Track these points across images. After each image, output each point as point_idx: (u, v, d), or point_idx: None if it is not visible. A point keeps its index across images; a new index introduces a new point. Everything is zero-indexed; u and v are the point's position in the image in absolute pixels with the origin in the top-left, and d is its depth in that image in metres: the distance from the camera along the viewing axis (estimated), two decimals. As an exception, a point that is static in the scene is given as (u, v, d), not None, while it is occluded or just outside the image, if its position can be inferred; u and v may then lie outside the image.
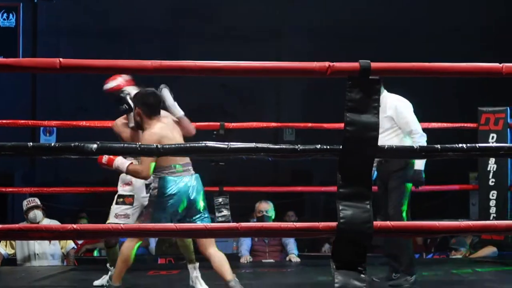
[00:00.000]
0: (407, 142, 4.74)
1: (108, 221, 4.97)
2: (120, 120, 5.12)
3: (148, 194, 4.65)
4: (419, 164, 4.74)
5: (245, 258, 6.64)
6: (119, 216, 5.00)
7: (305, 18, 10.99)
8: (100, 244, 8.85)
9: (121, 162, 4.35)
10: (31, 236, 3.92)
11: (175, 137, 4.49)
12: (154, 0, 11.28)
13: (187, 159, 4.49)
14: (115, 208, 5.03)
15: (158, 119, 4.52)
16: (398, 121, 4.77)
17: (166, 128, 4.51)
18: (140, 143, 3.99)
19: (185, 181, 4.45)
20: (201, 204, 4.51)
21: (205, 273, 4.85)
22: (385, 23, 10.72)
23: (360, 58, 2.90)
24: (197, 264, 4.91)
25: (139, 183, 4.92)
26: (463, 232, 3.25)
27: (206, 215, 4.54)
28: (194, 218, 4.48)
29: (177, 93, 4.72)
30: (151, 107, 4.52)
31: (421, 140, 4.72)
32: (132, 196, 5.01)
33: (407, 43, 10.29)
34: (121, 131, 5.06)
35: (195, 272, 4.97)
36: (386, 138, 4.68)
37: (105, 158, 4.35)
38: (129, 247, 4.54)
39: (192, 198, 4.46)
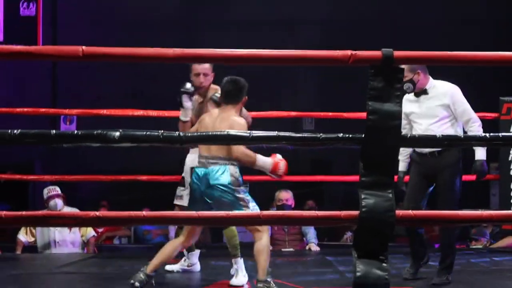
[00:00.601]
0: (460, 131, 4.52)
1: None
2: None
3: None
4: (481, 154, 4.47)
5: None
6: (177, 197, 5.14)
7: (317, 9, 10.97)
8: (120, 232, 8.92)
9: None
10: (53, 223, 3.95)
11: (209, 126, 4.46)
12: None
13: (211, 151, 4.36)
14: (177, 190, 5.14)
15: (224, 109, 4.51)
16: (455, 109, 4.50)
17: (210, 116, 4.55)
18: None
19: (201, 172, 4.36)
20: (222, 197, 4.29)
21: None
22: (399, 13, 10.68)
23: (374, 49, 2.89)
24: (239, 259, 4.92)
25: (187, 166, 4.99)
26: (484, 222, 3.24)
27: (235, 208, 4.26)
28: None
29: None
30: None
31: (479, 129, 4.44)
32: (183, 177, 5.09)
33: (421, 33, 10.25)
34: None
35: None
36: (442, 128, 4.47)
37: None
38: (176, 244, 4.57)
39: (203, 191, 4.33)
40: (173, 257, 4.62)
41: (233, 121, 4.32)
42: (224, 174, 4.32)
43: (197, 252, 5.36)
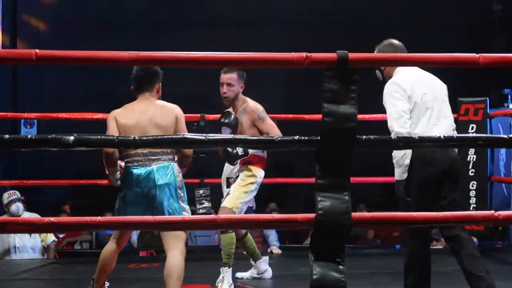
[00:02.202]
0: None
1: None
2: None
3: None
4: (396, 174, 4.09)
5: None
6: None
7: (286, 7, 10.97)
8: (81, 237, 8.84)
9: None
10: (9, 230, 3.90)
11: (136, 117, 4.21)
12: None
13: (151, 149, 3.99)
14: None
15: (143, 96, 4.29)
16: None
17: (128, 109, 4.31)
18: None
19: (138, 173, 4.04)
20: (165, 199, 4.02)
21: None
22: (368, 12, 10.72)
23: (343, 48, 2.89)
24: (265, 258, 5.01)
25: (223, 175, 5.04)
26: (441, 223, 3.25)
27: (174, 210, 4.03)
28: (158, 212, 4.00)
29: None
30: None
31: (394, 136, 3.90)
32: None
33: (391, 31, 10.30)
34: None
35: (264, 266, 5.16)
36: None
37: None
38: (109, 250, 4.37)
39: (145, 192, 4.04)
40: (112, 265, 4.39)
41: (179, 113, 4.12)
42: (169, 172, 4.05)
43: (265, 258, 5.32)
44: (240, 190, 4.88)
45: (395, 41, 4.13)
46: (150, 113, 4.09)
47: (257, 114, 4.82)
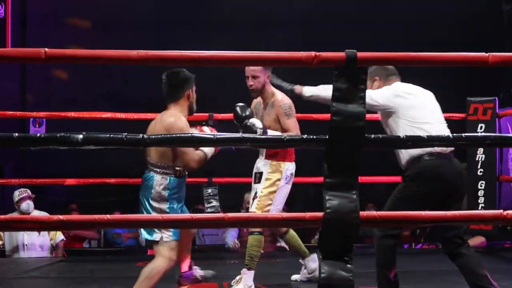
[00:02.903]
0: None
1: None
2: None
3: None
4: None
5: (233, 243, 6.67)
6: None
7: (295, 8, 10.97)
8: (89, 235, 8.87)
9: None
10: (18, 227, 3.90)
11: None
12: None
13: (151, 156, 4.12)
14: None
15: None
16: None
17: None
18: None
19: (144, 176, 4.16)
20: (142, 206, 4.10)
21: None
22: (377, 12, 10.71)
23: (352, 48, 2.89)
24: (313, 256, 4.95)
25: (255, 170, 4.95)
26: (449, 222, 3.25)
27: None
28: None
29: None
30: None
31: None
32: None
33: (399, 31, 10.29)
34: None
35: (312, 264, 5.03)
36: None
37: None
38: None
39: (140, 196, 4.15)
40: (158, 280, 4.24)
41: (171, 117, 4.07)
42: (149, 183, 4.10)
43: (313, 256, 5.16)
44: (266, 192, 4.83)
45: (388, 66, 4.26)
46: (151, 130, 4.15)
47: (283, 109, 4.78)
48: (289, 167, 4.90)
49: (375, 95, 4.05)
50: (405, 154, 4.01)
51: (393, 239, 4.06)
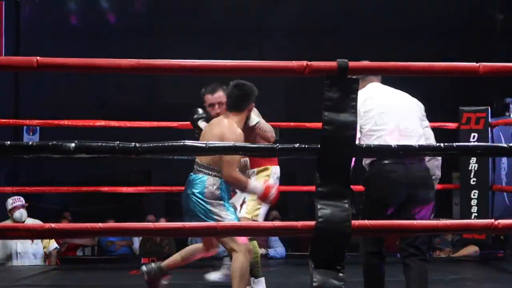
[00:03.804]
0: None
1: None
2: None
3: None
4: None
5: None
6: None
7: (288, 16, 11.00)
8: (83, 243, 8.86)
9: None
10: (10, 236, 3.89)
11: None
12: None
13: (200, 159, 4.26)
14: None
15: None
16: None
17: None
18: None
19: (189, 178, 4.29)
20: (192, 205, 4.19)
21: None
22: (372, 20, 10.73)
23: (345, 56, 2.90)
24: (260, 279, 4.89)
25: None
26: (440, 231, 3.26)
27: (201, 218, 4.17)
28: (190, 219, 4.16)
29: (159, 91, 4.68)
30: None
31: None
32: None
33: (392, 41, 10.31)
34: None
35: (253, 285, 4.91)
36: None
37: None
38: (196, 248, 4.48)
39: (183, 198, 4.27)
40: (191, 261, 4.52)
41: (225, 127, 4.19)
42: (199, 184, 4.21)
43: (262, 280, 4.99)
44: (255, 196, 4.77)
45: None
46: (207, 132, 4.36)
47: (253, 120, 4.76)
48: (276, 170, 4.92)
49: None
50: (365, 160, 3.97)
51: (377, 258, 4.00)
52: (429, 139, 4.07)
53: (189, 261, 4.52)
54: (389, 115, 3.94)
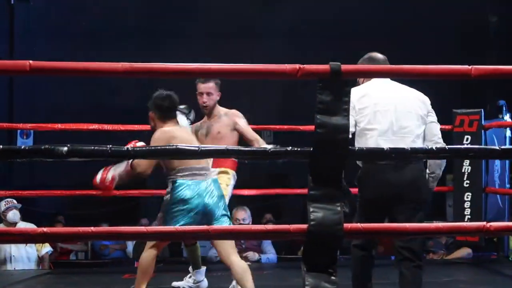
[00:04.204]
0: None
1: None
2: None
3: None
4: None
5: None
6: None
7: (282, 19, 11.00)
8: (77, 247, 8.84)
9: (116, 166, 4.29)
10: (3, 240, 3.89)
11: (191, 140, 4.37)
12: (130, 1, 11.26)
13: (203, 163, 4.29)
14: None
15: (174, 123, 4.42)
16: None
17: (181, 130, 4.43)
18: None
19: (199, 185, 4.25)
20: (219, 209, 4.28)
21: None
22: (368, 22, 10.74)
23: (338, 60, 2.90)
24: (203, 269, 5.01)
25: None
26: (433, 234, 3.27)
27: (225, 220, 4.29)
28: (212, 223, 4.21)
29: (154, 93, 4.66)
30: (164, 110, 4.41)
31: None
32: None
33: (386, 44, 10.32)
34: None
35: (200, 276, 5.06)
36: None
37: (98, 178, 4.34)
38: (148, 257, 4.39)
39: (206, 203, 4.24)
40: (153, 270, 4.47)
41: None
42: (218, 185, 4.39)
43: (203, 269, 5.19)
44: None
45: (375, 55, 4.13)
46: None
47: (242, 119, 4.98)
48: (234, 174, 5.08)
49: None
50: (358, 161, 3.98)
51: (362, 251, 4.02)
52: (434, 135, 4.03)
53: (151, 272, 4.45)
54: (384, 114, 3.93)
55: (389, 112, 3.92)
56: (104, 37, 10.88)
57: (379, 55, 4.12)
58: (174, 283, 5.21)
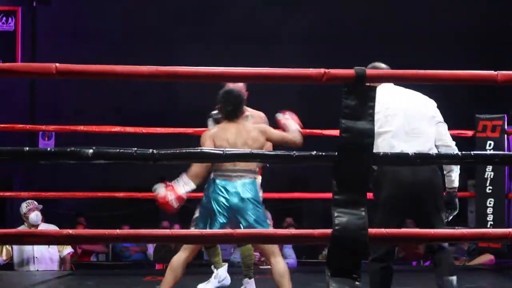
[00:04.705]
0: None
1: None
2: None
3: None
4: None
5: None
6: None
7: (304, 23, 11.00)
8: (98, 249, 8.89)
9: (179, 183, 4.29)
10: (26, 242, 3.91)
11: (231, 140, 4.31)
12: (153, 3, 11.29)
13: (239, 164, 4.23)
14: None
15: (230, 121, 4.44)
16: None
17: (224, 129, 4.41)
18: None
19: (228, 185, 4.25)
20: (250, 211, 4.25)
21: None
22: (385, 27, 10.72)
23: (362, 64, 2.90)
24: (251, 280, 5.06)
25: None
26: (457, 240, 3.25)
27: (259, 223, 4.26)
28: (245, 225, 4.23)
29: (175, 96, 4.70)
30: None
31: None
32: None
33: (405, 48, 10.30)
34: None
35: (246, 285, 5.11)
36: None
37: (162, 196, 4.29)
38: (179, 260, 4.31)
39: (233, 203, 4.23)
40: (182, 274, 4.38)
41: (256, 128, 4.39)
42: (254, 187, 4.31)
43: (225, 266, 5.30)
44: None
45: (379, 65, 4.18)
46: (243, 138, 4.31)
47: (265, 120, 5.08)
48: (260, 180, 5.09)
49: None
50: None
51: (381, 262, 3.98)
52: (443, 135, 4.08)
53: (180, 276, 4.36)
54: (394, 117, 3.99)
55: (400, 115, 3.99)
56: (122, 42, 10.93)
57: (382, 65, 4.18)
58: (200, 285, 5.25)
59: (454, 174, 4.11)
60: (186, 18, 11.17)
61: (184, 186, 4.25)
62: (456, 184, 4.13)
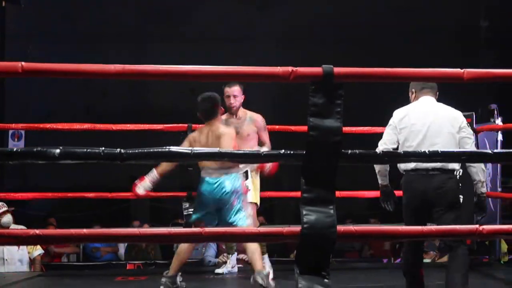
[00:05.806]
0: None
1: None
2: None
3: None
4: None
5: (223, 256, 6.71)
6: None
7: (279, 22, 11.01)
8: (68, 249, 8.82)
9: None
10: (-5, 242, 3.88)
11: (203, 141, 4.76)
12: (124, 3, 11.24)
13: (218, 163, 4.64)
14: None
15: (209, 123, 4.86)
16: None
17: (200, 132, 4.90)
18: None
19: (212, 182, 4.73)
20: (232, 205, 4.75)
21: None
22: (357, 27, 10.76)
23: (334, 62, 2.90)
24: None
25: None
26: (425, 237, 3.27)
27: (240, 216, 4.77)
28: (227, 219, 4.75)
29: (147, 95, 4.71)
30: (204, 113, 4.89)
31: None
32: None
33: (379, 48, 10.34)
34: None
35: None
36: None
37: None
38: (185, 245, 4.77)
39: (218, 198, 4.74)
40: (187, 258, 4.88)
41: (221, 132, 4.75)
42: (238, 181, 4.80)
43: (235, 254, 6.03)
44: (258, 187, 5.76)
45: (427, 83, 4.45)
46: (212, 139, 4.75)
47: (264, 123, 5.55)
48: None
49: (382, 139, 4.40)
50: (400, 171, 4.40)
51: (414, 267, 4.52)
52: (465, 149, 4.33)
53: (187, 257, 4.88)
54: (416, 133, 4.31)
55: (422, 131, 4.30)
56: (94, 42, 10.86)
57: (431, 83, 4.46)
58: (217, 270, 5.91)
59: (479, 184, 4.49)
60: (159, 17, 11.13)
61: (148, 175, 4.82)
62: (483, 190, 4.50)
